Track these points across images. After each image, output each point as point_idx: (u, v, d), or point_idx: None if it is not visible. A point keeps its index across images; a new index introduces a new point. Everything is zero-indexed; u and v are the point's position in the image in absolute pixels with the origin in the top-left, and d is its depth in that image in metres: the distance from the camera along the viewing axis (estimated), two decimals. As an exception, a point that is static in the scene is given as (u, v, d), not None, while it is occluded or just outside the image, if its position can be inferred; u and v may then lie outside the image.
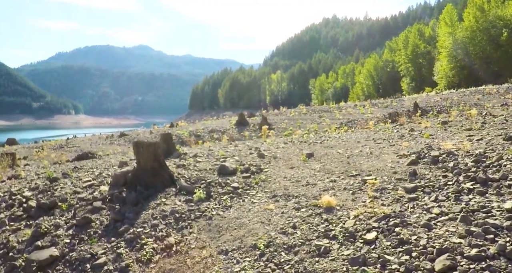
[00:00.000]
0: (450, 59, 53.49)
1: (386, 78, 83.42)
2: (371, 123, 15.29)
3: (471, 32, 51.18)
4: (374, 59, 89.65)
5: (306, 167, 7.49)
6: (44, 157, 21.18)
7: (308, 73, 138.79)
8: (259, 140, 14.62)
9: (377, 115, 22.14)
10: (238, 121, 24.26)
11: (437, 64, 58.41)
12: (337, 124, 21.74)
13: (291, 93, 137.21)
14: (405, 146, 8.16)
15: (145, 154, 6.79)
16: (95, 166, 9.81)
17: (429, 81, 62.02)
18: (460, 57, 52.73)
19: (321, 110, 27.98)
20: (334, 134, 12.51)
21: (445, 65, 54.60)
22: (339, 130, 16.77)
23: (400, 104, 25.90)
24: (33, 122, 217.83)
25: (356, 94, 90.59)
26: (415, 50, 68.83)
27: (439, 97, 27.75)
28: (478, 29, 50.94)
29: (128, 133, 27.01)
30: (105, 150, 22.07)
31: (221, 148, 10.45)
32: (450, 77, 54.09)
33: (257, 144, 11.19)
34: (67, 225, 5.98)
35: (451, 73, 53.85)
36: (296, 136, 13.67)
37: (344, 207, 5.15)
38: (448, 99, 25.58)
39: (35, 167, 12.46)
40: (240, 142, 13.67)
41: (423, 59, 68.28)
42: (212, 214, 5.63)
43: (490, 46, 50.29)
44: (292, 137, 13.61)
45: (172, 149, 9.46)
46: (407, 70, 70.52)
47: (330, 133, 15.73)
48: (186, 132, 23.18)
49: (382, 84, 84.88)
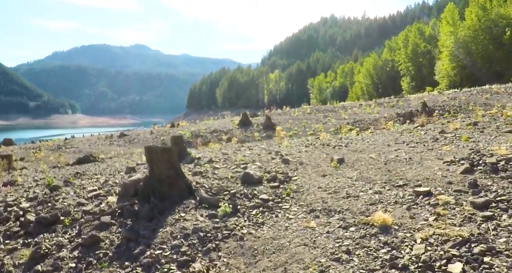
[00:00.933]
0: (452, 58, 52.92)
1: (386, 77, 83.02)
2: (390, 124, 14.51)
3: (473, 31, 50.62)
4: (373, 59, 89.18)
5: (340, 175, 6.66)
6: (42, 158, 20.28)
7: (307, 73, 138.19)
8: (271, 141, 13.79)
9: (384, 115, 21.41)
10: (242, 121, 23.44)
11: (438, 64, 57.85)
12: (344, 124, 20.96)
13: (289, 93, 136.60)
14: (447, 151, 7.37)
15: (159, 160, 5.95)
16: (99, 172, 9.00)
17: (430, 81, 61.49)
18: (462, 56, 52.15)
19: (326, 110, 27.20)
20: (355, 136, 11.67)
21: (447, 64, 54.03)
22: (351, 131, 15.93)
23: (406, 104, 25.17)
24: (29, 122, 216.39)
25: (356, 93, 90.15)
26: (415, 49, 68.25)
27: (445, 96, 27.05)
28: (481, 28, 50.40)
29: (128, 133, 26.16)
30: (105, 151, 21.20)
31: (236, 152, 9.65)
32: (452, 77, 53.54)
33: (274, 146, 10.40)
34: (72, 244, 5.13)
35: (453, 73, 53.30)
36: (311, 138, 12.85)
37: (403, 227, 4.33)
38: (456, 98, 24.87)
39: (33, 172, 11.60)
40: (251, 144, 12.87)
41: (423, 59, 67.74)
42: (242, 233, 4.79)
43: (493, 45, 49.74)
44: (308, 138, 12.77)
45: (184, 153, 8.66)
46: (407, 70, 69.96)
47: (344, 134, 14.93)
48: (188, 132, 22.35)
49: (381, 83, 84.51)
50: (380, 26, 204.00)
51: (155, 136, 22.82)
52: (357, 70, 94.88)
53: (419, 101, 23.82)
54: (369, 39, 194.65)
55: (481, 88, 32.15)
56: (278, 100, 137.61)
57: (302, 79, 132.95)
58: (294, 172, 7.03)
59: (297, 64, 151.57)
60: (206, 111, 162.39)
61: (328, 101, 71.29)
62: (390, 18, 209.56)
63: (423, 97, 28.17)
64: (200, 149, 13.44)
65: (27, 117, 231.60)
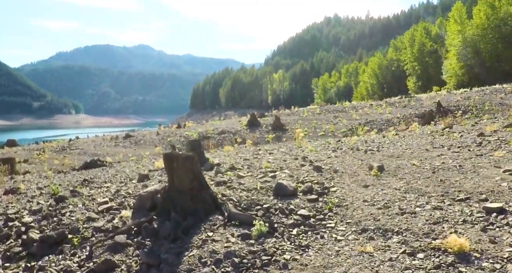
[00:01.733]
0: (460, 57, 52.04)
1: (391, 77, 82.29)
2: (415, 125, 13.70)
3: (482, 29, 49.73)
4: (379, 58, 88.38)
5: (385, 185, 5.88)
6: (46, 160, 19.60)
7: (310, 73, 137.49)
8: (288, 144, 13.00)
9: (397, 115, 20.61)
10: (250, 122, 22.69)
11: (445, 63, 56.99)
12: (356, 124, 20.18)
13: (293, 93, 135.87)
14: (500, 157, 6.59)
15: (180, 170, 5.16)
16: (109, 179, 8.29)
17: (436, 80, 60.59)
18: (470, 55, 51.28)
19: (336, 110, 26.44)
20: (383, 139, 10.86)
21: (455, 63, 53.17)
22: (369, 132, 15.08)
23: (418, 104, 24.34)
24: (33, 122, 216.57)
25: (360, 93, 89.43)
26: (421, 49, 67.36)
27: (458, 96, 26.21)
28: (489, 26, 49.51)
29: (133, 134, 25.47)
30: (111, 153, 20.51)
31: (256, 156, 8.89)
32: (460, 76, 52.67)
33: (296, 150, 9.63)
34: (82, 270, 4.38)
35: (461, 72, 52.44)
36: (333, 140, 12.06)
37: (486, 254, 3.56)
38: (470, 98, 24.04)
39: (37, 177, 10.88)
40: (268, 146, 12.10)
41: (429, 58, 66.84)
42: (285, 258, 4.01)
43: (502, 44, 48.83)
44: (329, 141, 11.97)
45: (202, 158, 7.88)
46: (413, 69, 69.11)
47: (362, 136, 14.11)
48: (195, 133, 21.65)
49: (386, 83, 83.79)
50: (384, 26, 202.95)
51: (162, 137, 22.13)
52: (362, 70, 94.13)
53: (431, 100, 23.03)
54: (373, 38, 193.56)
55: (493, 87, 31.32)
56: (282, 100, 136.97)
57: (306, 79, 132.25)
58: (331, 181, 6.23)
59: (300, 64, 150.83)
60: (210, 111, 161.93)
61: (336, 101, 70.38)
62: (394, 18, 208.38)
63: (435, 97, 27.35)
64: (213, 152, 12.69)
65: (30, 118, 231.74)
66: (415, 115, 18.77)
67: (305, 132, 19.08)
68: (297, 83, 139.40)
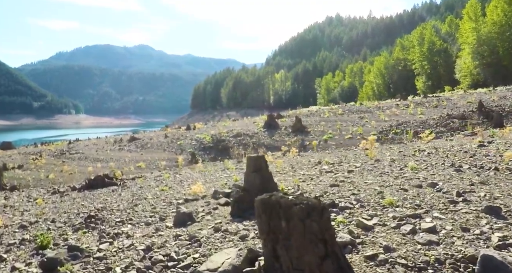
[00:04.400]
0: (475, 56, 50.43)
1: (398, 77, 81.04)
2: (480, 130, 11.87)
3: (499, 26, 48.11)
4: (385, 58, 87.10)
5: None
6: (43, 165, 17.88)
7: (313, 72, 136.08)
8: (347, 152, 11.02)
9: (433, 117, 18.82)
10: (267, 123, 20.91)
11: (459, 62, 55.39)
12: (387, 127, 18.38)
13: (295, 93, 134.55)
14: None
15: (296, 236, 2.81)
16: (126, 215, 6.24)
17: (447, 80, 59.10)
18: (486, 53, 49.61)
19: (359, 110, 24.65)
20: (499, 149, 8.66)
21: (469, 62, 51.54)
22: (427, 137, 12.92)
23: (451, 104, 22.56)
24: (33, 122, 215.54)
25: (366, 93, 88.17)
26: (430, 47, 65.72)
27: (494, 96, 24.15)
28: (507, 23, 47.85)
29: (139, 136, 23.72)
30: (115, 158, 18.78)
31: (335, 177, 7.10)
32: (475, 75, 51.07)
33: (385, 164, 7.72)
34: None
35: (476, 71, 50.85)
36: (411, 147, 10.04)
37: None
38: (507, 97, 22.22)
39: (24, 200, 8.90)
40: (321, 156, 10.27)
41: (438, 57, 65.20)
42: None
43: (521, 42, 47.24)
44: (415, 148, 9.86)
45: (269, 184, 5.82)
46: (422, 68, 67.59)
47: (426, 141, 11.99)
48: (208, 136, 19.89)
49: (393, 83, 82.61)
50: (387, 26, 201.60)
51: (171, 140, 20.37)
52: (367, 70, 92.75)
53: (464, 100, 21.32)
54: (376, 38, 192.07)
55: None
56: (284, 100, 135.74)
57: (308, 79, 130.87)
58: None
59: (303, 64, 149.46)
60: (211, 111, 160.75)
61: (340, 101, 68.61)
62: (397, 17, 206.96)
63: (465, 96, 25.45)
64: (244, 161, 10.88)
65: (30, 117, 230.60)
66: (452, 116, 17.05)
67: (330, 135, 17.34)
68: (300, 83, 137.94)
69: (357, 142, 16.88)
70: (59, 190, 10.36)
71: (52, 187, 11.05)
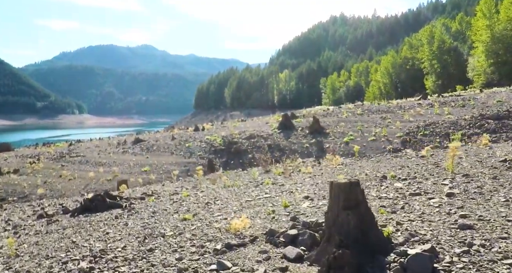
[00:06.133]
0: (489, 54, 48.82)
1: (405, 76, 79.71)
2: None
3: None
4: (392, 57, 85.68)
5: None
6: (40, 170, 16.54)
7: (318, 72, 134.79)
8: (399, 161, 9.26)
9: (464, 117, 17.28)
10: (282, 124, 19.42)
11: (471, 60, 53.82)
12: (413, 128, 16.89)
13: (300, 93, 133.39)
14: None
15: None
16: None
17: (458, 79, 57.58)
18: (501, 51, 48.04)
19: (380, 110, 23.11)
20: None
21: (483, 60, 49.96)
22: (484, 141, 11.08)
23: (479, 103, 21.00)
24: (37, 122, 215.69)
25: (373, 93, 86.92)
26: (440, 46, 64.15)
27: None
28: (523, 20, 46.32)
29: (144, 138, 22.33)
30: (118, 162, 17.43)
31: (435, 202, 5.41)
32: (489, 74, 49.51)
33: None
34: None
35: (490, 70, 49.29)
36: None
37: None
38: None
39: (2, 224, 7.28)
40: (392, 166, 8.59)
41: (448, 56, 63.63)
42: None
43: (537, 39, 45.68)
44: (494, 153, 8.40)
45: (372, 231, 3.92)
46: (432, 67, 66.04)
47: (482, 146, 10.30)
48: (219, 138, 18.47)
49: (400, 82, 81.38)
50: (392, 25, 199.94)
51: (178, 142, 18.96)
52: (374, 69, 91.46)
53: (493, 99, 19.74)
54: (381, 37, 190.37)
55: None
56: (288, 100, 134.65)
57: (313, 79, 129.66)
58: None
59: (307, 64, 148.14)
60: (214, 111, 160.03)
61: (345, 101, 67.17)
62: (402, 16, 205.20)
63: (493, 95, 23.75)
64: (274, 171, 9.31)
65: (34, 117, 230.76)
66: (485, 116, 15.58)
67: (352, 137, 15.89)
68: (304, 82, 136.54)
69: (382, 145, 15.44)
70: (47, 213, 8.41)
71: (40, 205, 9.51)
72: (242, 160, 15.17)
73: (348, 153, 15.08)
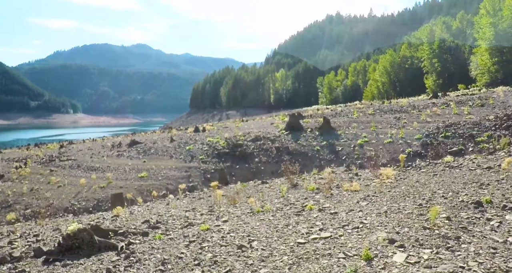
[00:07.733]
0: (493, 52, 47.84)
1: (404, 75, 78.85)
2: None
3: (520, 20, 45.56)
4: (391, 56, 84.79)
5: None
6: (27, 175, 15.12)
7: (314, 71, 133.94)
8: (466, 174, 7.75)
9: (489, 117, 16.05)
10: (289, 125, 18.10)
11: (474, 59, 52.82)
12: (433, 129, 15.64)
13: (296, 92, 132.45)
14: None
15: None
16: None
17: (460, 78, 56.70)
18: (505, 49, 47.07)
19: (393, 110, 21.82)
20: None
21: (487, 59, 48.94)
22: None
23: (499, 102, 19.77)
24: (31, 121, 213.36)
25: (371, 92, 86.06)
26: (441, 45, 63.23)
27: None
28: (528, 17, 45.37)
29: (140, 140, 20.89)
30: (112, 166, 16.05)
31: None
32: (493, 72, 48.51)
33: None
34: None
35: (494, 68, 48.28)
36: None
37: None
38: None
39: None
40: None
41: (449, 54, 62.70)
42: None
43: (543, 36, 44.77)
44: None
45: None
46: (432, 66, 65.07)
47: None
48: (221, 140, 17.14)
49: (399, 81, 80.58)
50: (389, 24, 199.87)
51: (178, 145, 17.60)
52: (372, 68, 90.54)
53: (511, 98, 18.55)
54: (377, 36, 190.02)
55: None
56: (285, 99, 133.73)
57: (309, 78, 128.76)
58: None
59: (304, 63, 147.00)
60: (210, 110, 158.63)
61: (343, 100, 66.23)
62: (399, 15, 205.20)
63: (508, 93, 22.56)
64: (305, 186, 7.63)
65: (28, 117, 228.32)
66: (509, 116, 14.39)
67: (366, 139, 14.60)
68: (301, 82, 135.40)
69: (400, 148, 14.21)
70: (12, 255, 5.99)
71: (8, 233, 7.91)
72: (249, 164, 13.82)
73: (363, 156, 13.87)
